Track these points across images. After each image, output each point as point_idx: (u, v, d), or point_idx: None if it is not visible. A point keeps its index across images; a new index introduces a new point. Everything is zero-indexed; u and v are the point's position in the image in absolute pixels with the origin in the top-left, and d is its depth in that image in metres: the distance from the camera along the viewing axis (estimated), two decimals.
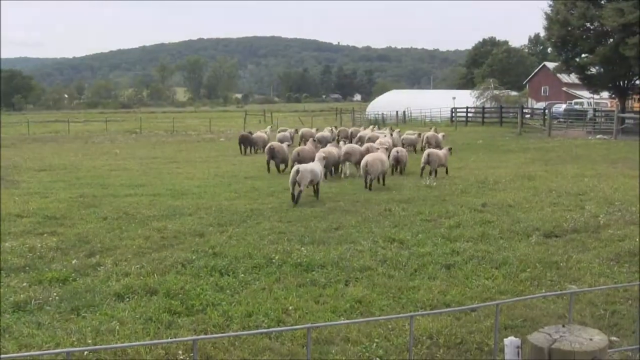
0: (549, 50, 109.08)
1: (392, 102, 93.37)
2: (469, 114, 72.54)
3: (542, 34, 76.42)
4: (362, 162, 22.61)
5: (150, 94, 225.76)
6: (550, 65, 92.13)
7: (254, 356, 8.02)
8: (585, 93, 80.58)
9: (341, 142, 29.23)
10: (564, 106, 74.86)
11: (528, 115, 68.15)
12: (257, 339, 8.37)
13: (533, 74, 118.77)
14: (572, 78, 78.22)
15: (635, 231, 14.42)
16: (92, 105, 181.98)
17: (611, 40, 56.61)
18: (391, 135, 33.67)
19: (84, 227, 15.21)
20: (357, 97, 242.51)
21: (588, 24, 59.94)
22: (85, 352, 7.83)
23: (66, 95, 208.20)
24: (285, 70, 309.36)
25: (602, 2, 58.08)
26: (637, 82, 62.15)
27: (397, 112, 77.28)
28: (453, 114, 73.40)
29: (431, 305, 9.72)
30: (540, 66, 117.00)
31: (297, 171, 19.16)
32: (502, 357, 3.44)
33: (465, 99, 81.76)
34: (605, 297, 9.99)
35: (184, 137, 56.89)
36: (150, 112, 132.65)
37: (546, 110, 61.82)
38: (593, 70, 62.16)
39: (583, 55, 61.52)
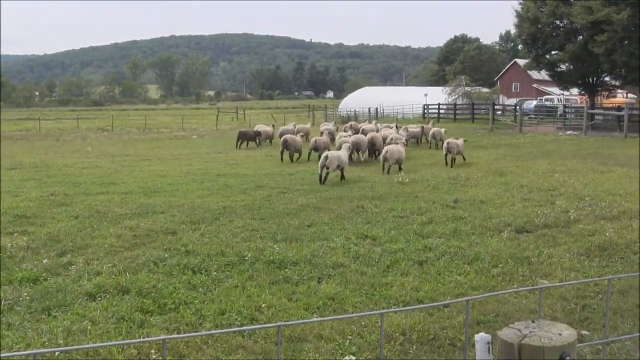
0: (520, 47, 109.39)
1: (364, 98, 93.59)
2: (441, 111, 72.83)
3: (513, 31, 77.10)
4: (383, 151, 26.01)
5: (122, 91, 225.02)
6: (521, 62, 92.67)
7: (227, 354, 8.00)
8: (556, 90, 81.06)
9: (349, 132, 33.85)
10: (534, 102, 75.40)
11: (499, 112, 68.51)
12: (230, 337, 8.35)
13: (504, 70, 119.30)
14: (543, 75, 78.82)
15: (605, 226, 14.55)
16: (63, 102, 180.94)
17: (580, 37, 57.12)
18: (397, 130, 36.75)
19: (55, 226, 15.08)
20: (330, 94, 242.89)
21: (558, 22, 60.43)
22: (57, 353, 7.77)
23: (37, 93, 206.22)
24: (258, 68, 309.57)
25: (572, 0, 58.54)
26: (606, 78, 62.71)
27: (369, 108, 77.36)
28: (425, 111, 73.64)
29: (404, 302, 9.75)
30: (511, 63, 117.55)
31: (326, 157, 22.49)
32: (474, 353, 3.46)
33: (437, 95, 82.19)
34: (576, 291, 10.07)
35: (156, 134, 56.62)
36: (122, 110, 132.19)
37: (517, 107, 62.25)
38: (563, 67, 62.61)
39: (553, 52, 61.97)
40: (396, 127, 39.29)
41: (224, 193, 20.26)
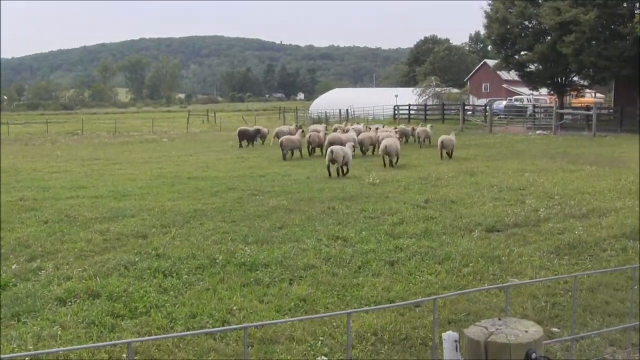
0: (489, 47, 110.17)
1: (335, 100, 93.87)
2: (412, 112, 73.03)
3: (482, 32, 77.65)
4: (382, 146, 28.17)
5: (91, 95, 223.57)
6: (491, 62, 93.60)
7: (198, 357, 7.97)
8: (525, 90, 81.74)
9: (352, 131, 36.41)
10: (504, 103, 75.95)
11: (469, 112, 68.85)
12: (201, 339, 8.32)
13: (474, 71, 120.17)
14: (512, 75, 79.43)
15: (574, 224, 14.66)
16: (32, 106, 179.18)
17: (549, 38, 57.69)
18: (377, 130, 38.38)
19: (24, 231, 14.93)
20: (301, 95, 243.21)
21: (526, 22, 61.04)
22: (27, 359, 7.70)
23: (5, 97, 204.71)
24: (228, 70, 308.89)
25: (540, 0, 59.08)
26: (575, 78, 63.32)
27: (340, 110, 77.50)
28: (396, 112, 73.83)
29: (375, 302, 9.75)
30: (481, 64, 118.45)
31: (332, 151, 24.33)
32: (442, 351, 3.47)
33: (408, 96, 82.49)
34: (547, 289, 10.13)
35: (126, 138, 56.33)
36: (92, 113, 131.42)
37: (487, 107, 62.58)
38: (532, 67, 63.25)
39: (522, 53, 62.58)
40: (367, 128, 39.91)
41: (195, 196, 20.17)
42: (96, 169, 29.32)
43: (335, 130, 39.70)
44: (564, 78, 62.28)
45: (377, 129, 38.30)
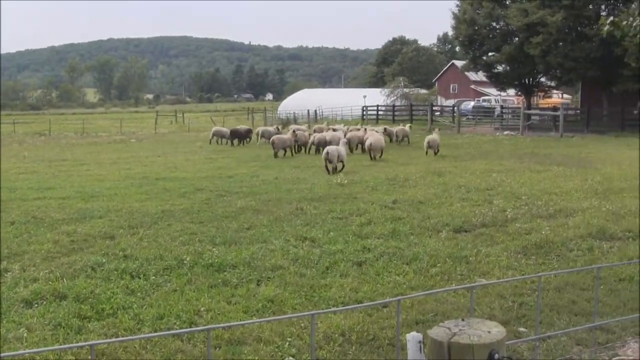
0: (457, 49, 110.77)
1: (303, 101, 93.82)
2: (380, 112, 73.12)
3: (450, 33, 77.80)
4: (367, 143, 31.69)
5: (59, 95, 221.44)
6: (459, 63, 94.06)
7: (165, 359, 7.95)
8: (493, 90, 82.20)
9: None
10: (472, 103, 76.27)
11: (438, 113, 69.13)
12: (168, 341, 8.30)
13: (442, 72, 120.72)
14: (480, 76, 79.73)
15: (541, 224, 14.77)
16: None
17: (516, 39, 58.07)
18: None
19: None
20: (269, 96, 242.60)
21: (494, 24, 61.43)
22: None
23: None
24: (197, 71, 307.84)
25: (507, 2, 59.53)
26: (542, 79, 63.83)
27: (308, 110, 77.46)
28: (364, 112, 73.92)
29: (343, 303, 9.76)
30: (449, 64, 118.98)
31: (327, 152, 26.13)
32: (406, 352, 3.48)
33: (376, 97, 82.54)
34: (514, 289, 10.20)
35: (94, 138, 55.99)
36: (60, 114, 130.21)
37: (455, 108, 62.88)
38: (499, 68, 63.64)
39: (490, 54, 62.95)
40: (331, 129, 40.49)
41: (163, 197, 20.09)
42: (64, 170, 29.11)
43: (315, 131, 40.98)
44: (531, 79, 62.70)
45: (348, 129, 40.01)
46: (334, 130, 38.48)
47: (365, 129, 39.10)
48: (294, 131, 37.77)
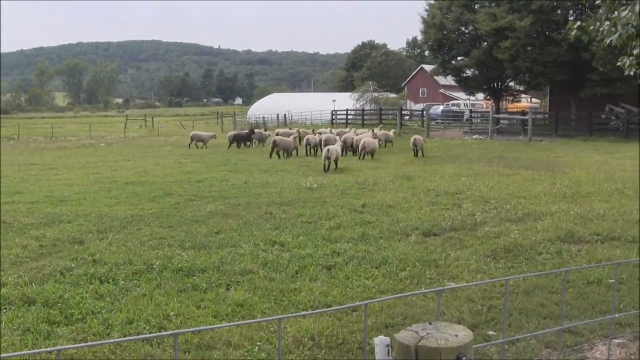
0: (426, 53, 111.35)
1: (273, 105, 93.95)
2: (349, 116, 73.36)
3: (420, 37, 78.12)
4: (361, 143, 33.72)
5: (28, 99, 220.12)
6: (428, 67, 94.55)
7: None
8: (462, 95, 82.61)
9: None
10: (441, 107, 76.68)
11: (407, 117, 69.50)
12: (138, 346, 8.21)
13: (411, 76, 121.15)
14: (449, 80, 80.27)
15: (510, 228, 14.81)
16: None
17: (485, 43, 58.58)
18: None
19: None
20: (239, 100, 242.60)
21: (463, 28, 61.93)
22: None
23: None
24: (166, 75, 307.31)
25: (476, 7, 59.91)
26: (511, 83, 64.32)
27: (277, 115, 77.48)
28: (333, 116, 74.06)
29: (312, 307, 9.71)
30: (418, 69, 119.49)
31: (328, 149, 28.08)
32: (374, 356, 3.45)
33: (345, 101, 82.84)
34: (483, 292, 10.19)
35: (63, 142, 55.66)
36: (29, 118, 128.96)
37: (424, 112, 63.19)
38: (468, 72, 64.13)
39: (459, 58, 63.42)
40: (298, 131, 42.74)
41: (132, 201, 19.94)
42: (32, 174, 28.87)
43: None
44: (500, 83, 63.25)
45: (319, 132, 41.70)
46: (320, 134, 39.83)
47: (355, 131, 41.06)
48: (298, 133, 39.95)
